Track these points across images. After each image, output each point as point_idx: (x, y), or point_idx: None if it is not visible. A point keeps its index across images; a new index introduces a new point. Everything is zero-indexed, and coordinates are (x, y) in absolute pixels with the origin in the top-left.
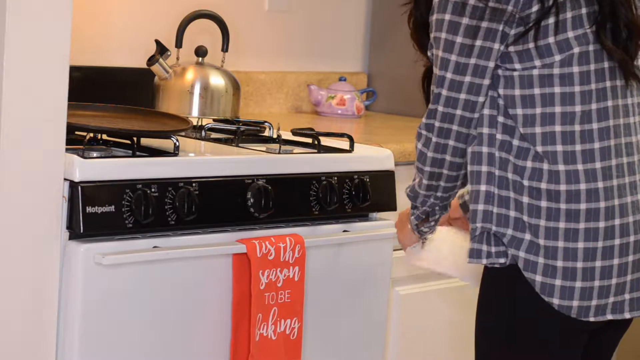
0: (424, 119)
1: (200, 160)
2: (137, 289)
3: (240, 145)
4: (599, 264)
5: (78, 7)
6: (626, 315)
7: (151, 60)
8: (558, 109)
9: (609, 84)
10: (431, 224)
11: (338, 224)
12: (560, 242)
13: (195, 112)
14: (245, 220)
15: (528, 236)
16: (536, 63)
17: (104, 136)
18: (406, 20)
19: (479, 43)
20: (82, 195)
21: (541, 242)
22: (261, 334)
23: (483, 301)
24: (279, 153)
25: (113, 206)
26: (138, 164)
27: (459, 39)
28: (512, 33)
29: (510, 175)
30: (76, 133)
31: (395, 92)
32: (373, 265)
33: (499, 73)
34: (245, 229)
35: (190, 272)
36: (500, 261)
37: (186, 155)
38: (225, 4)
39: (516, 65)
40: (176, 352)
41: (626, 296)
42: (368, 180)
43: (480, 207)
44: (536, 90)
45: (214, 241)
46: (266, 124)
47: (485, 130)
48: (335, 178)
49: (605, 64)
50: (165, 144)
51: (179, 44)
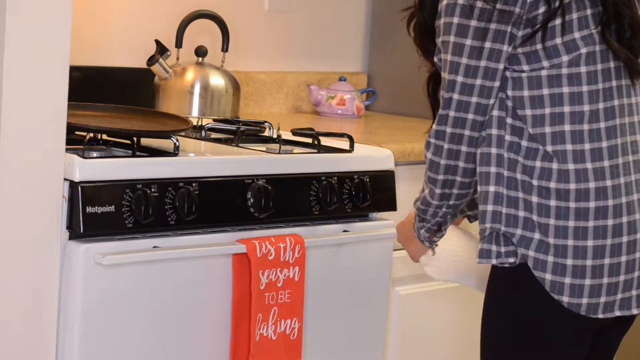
0: (434, 126)
1: (200, 160)
2: (137, 289)
3: (240, 145)
4: (607, 261)
5: (78, 7)
6: (634, 311)
7: (151, 60)
8: (567, 109)
9: (614, 83)
10: (442, 233)
11: (338, 224)
12: (570, 241)
13: (195, 112)
14: (245, 220)
15: (537, 235)
16: (544, 64)
17: (104, 136)
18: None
19: (488, 45)
20: (82, 195)
21: (551, 241)
22: (261, 334)
23: (491, 301)
24: (279, 153)
25: (113, 206)
26: (138, 164)
27: (468, 42)
28: (520, 35)
29: (519, 176)
30: (76, 133)
31: (395, 92)
32: (373, 265)
33: (507, 75)
34: (245, 229)
35: (190, 272)
36: (510, 261)
37: (186, 155)
38: (225, 4)
39: (524, 67)
40: (176, 352)
41: (633, 292)
42: (368, 180)
43: (489, 208)
44: (545, 91)
45: (214, 241)
46: (266, 124)
47: (494, 131)
48: (335, 178)
49: (611, 64)
50: (165, 144)
51: (179, 44)
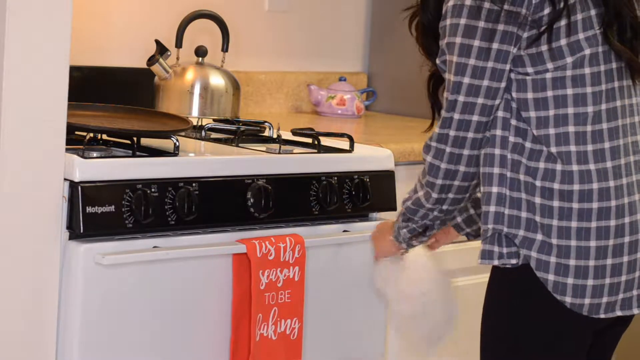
0: (437, 129)
1: (200, 160)
2: (137, 289)
3: (240, 145)
4: (609, 261)
5: (78, 7)
6: (635, 310)
7: (151, 60)
8: (571, 110)
9: (617, 84)
10: (424, 239)
11: (338, 224)
12: (573, 241)
13: (195, 112)
14: (245, 220)
15: (540, 236)
16: (549, 66)
17: (104, 136)
18: (406, 22)
19: (495, 46)
20: (82, 195)
21: (554, 242)
22: (261, 334)
23: (491, 302)
24: (279, 153)
25: (113, 206)
26: (138, 164)
27: (476, 43)
28: (525, 36)
29: (522, 177)
30: (76, 133)
31: (395, 92)
32: (373, 265)
33: (511, 77)
34: (245, 229)
35: (190, 272)
36: (512, 262)
37: (186, 155)
38: (225, 4)
39: (529, 69)
40: (176, 352)
41: (634, 292)
42: (368, 180)
43: (492, 209)
44: (549, 93)
45: (214, 241)
46: (266, 124)
47: (498, 132)
48: (335, 178)
49: (614, 65)
50: (165, 144)
51: (179, 44)
